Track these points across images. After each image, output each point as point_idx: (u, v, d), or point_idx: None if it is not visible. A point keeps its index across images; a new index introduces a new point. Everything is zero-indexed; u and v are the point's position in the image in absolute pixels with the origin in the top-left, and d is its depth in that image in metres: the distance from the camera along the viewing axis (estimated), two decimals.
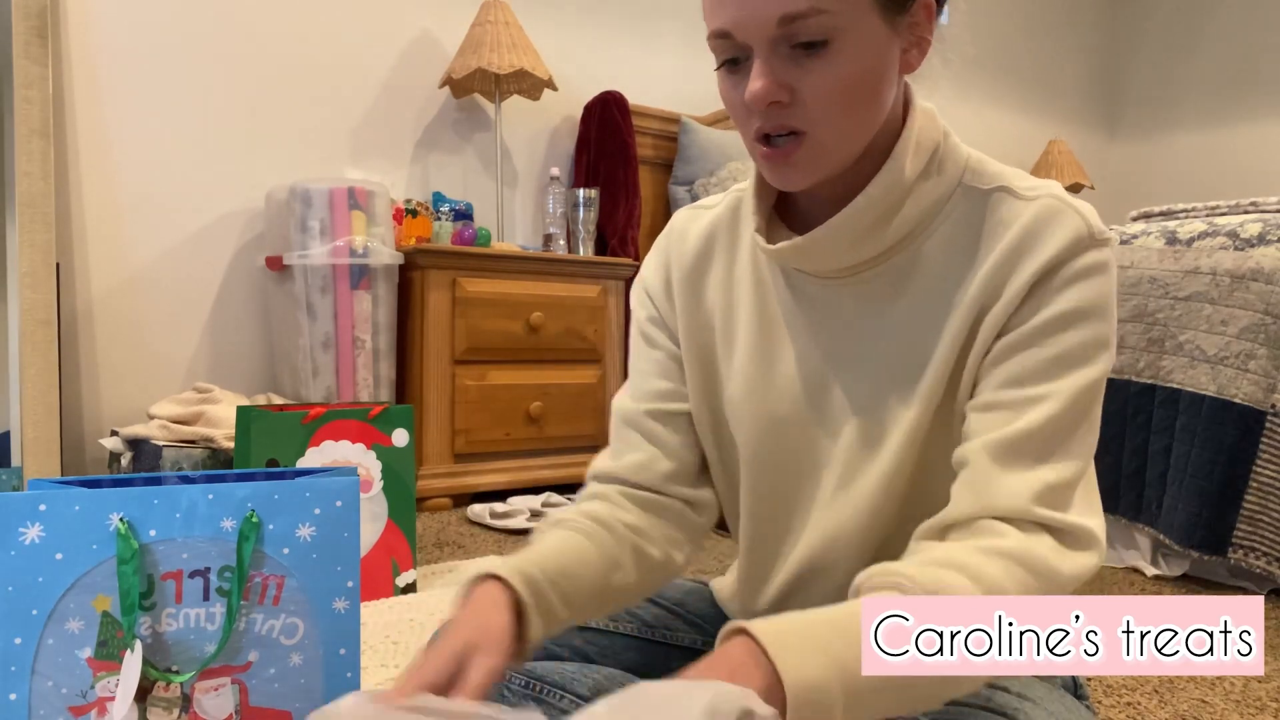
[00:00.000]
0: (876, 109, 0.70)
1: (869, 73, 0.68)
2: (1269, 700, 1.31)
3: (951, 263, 0.73)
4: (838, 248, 0.73)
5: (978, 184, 0.73)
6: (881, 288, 0.75)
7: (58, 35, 2.36)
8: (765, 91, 0.67)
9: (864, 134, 0.71)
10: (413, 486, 1.72)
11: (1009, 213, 0.71)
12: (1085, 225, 0.69)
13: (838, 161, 0.71)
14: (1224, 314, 1.90)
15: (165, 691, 0.78)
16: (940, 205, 0.74)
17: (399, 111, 2.91)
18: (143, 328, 2.52)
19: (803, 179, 0.71)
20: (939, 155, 0.74)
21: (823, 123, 0.68)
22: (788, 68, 0.67)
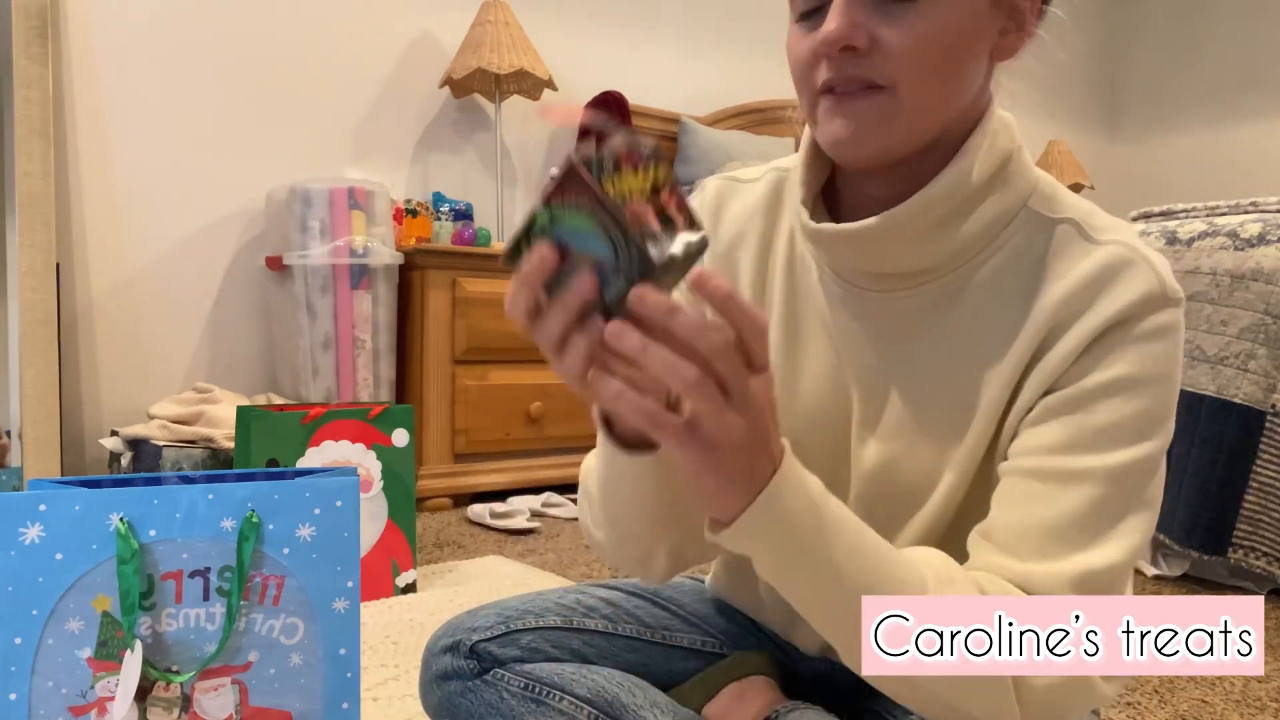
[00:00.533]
0: (961, 81, 0.63)
1: (962, 37, 0.61)
2: (1269, 700, 1.31)
3: (1004, 298, 0.66)
4: (891, 244, 0.66)
5: (1045, 211, 0.67)
6: (924, 310, 0.68)
7: (58, 35, 2.36)
8: (841, 31, 0.59)
9: (944, 106, 0.64)
10: (413, 486, 1.72)
11: (1076, 253, 0.65)
12: (1159, 281, 0.62)
13: (911, 133, 0.63)
14: (1224, 314, 1.90)
15: (165, 691, 0.78)
16: (1000, 227, 0.67)
17: (399, 111, 2.91)
18: (143, 328, 2.52)
19: (869, 141, 0.63)
20: (1008, 168, 0.67)
21: (904, 78, 0.60)
22: (870, 14, 0.60)
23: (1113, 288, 0.62)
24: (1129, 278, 0.62)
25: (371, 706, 1.19)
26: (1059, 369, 0.63)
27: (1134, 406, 0.61)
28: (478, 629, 0.82)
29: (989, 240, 0.67)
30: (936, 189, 0.64)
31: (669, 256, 0.49)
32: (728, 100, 3.53)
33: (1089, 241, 0.65)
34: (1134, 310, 0.62)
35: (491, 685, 0.80)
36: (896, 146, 0.64)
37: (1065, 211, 0.67)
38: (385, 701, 1.21)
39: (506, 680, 0.80)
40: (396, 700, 1.21)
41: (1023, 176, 0.68)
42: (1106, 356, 0.62)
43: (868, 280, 0.70)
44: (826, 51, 0.61)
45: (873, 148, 0.63)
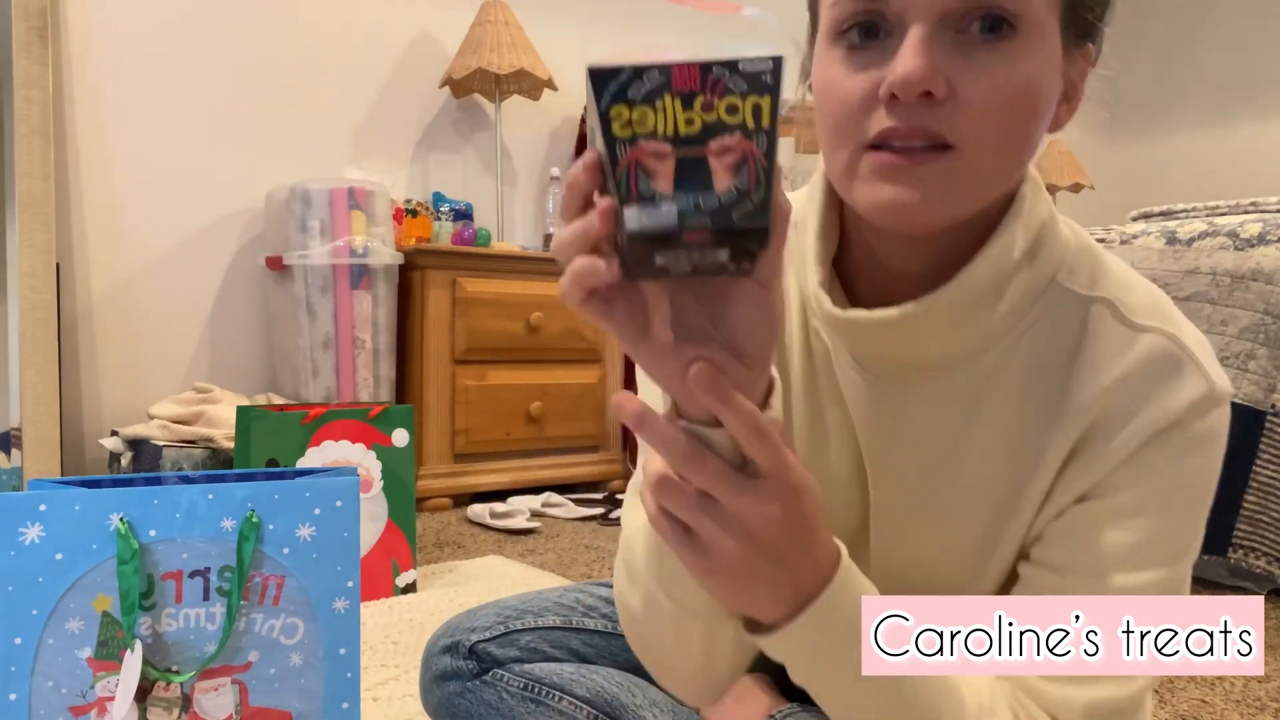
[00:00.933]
0: (1031, 148, 0.55)
1: (1041, 95, 0.54)
2: (1269, 700, 1.31)
3: (1037, 388, 0.60)
4: (927, 333, 0.59)
5: (1075, 286, 0.60)
6: (953, 401, 0.62)
7: (58, 35, 2.36)
8: (923, 72, 0.50)
9: (1010, 175, 0.56)
10: (413, 486, 1.72)
11: (1113, 342, 0.59)
12: (1206, 381, 0.57)
13: (973, 203, 0.55)
14: (1224, 314, 1.90)
15: (165, 691, 0.78)
16: (1028, 305, 0.60)
17: (399, 111, 2.91)
18: (143, 328, 2.52)
19: (935, 211, 0.54)
20: (1040, 238, 0.60)
21: (980, 138, 0.52)
22: (950, 55, 0.51)
23: (1160, 392, 0.57)
24: (1177, 380, 0.57)
25: (371, 706, 1.19)
26: (1096, 475, 0.58)
27: (1174, 523, 0.57)
28: (477, 629, 0.83)
29: (1016, 320, 0.60)
30: (980, 269, 0.57)
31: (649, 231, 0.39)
32: None
33: (1127, 327, 0.59)
34: (1181, 417, 0.56)
35: (491, 685, 0.80)
36: (956, 218, 0.55)
37: (1097, 287, 0.60)
38: (385, 701, 1.21)
39: (506, 680, 0.80)
40: (396, 700, 1.21)
41: (1050, 246, 0.60)
42: (1149, 469, 0.57)
43: (891, 370, 0.62)
44: (901, 95, 0.51)
45: (936, 219, 0.54)
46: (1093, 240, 0.64)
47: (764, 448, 0.45)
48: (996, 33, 0.51)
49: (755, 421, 0.44)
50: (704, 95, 0.39)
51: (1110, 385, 0.58)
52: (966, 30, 0.51)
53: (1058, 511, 0.59)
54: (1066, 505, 0.59)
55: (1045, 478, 0.59)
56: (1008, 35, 0.51)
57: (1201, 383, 0.57)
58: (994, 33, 0.51)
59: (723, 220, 0.39)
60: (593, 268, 0.41)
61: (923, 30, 0.51)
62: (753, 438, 0.44)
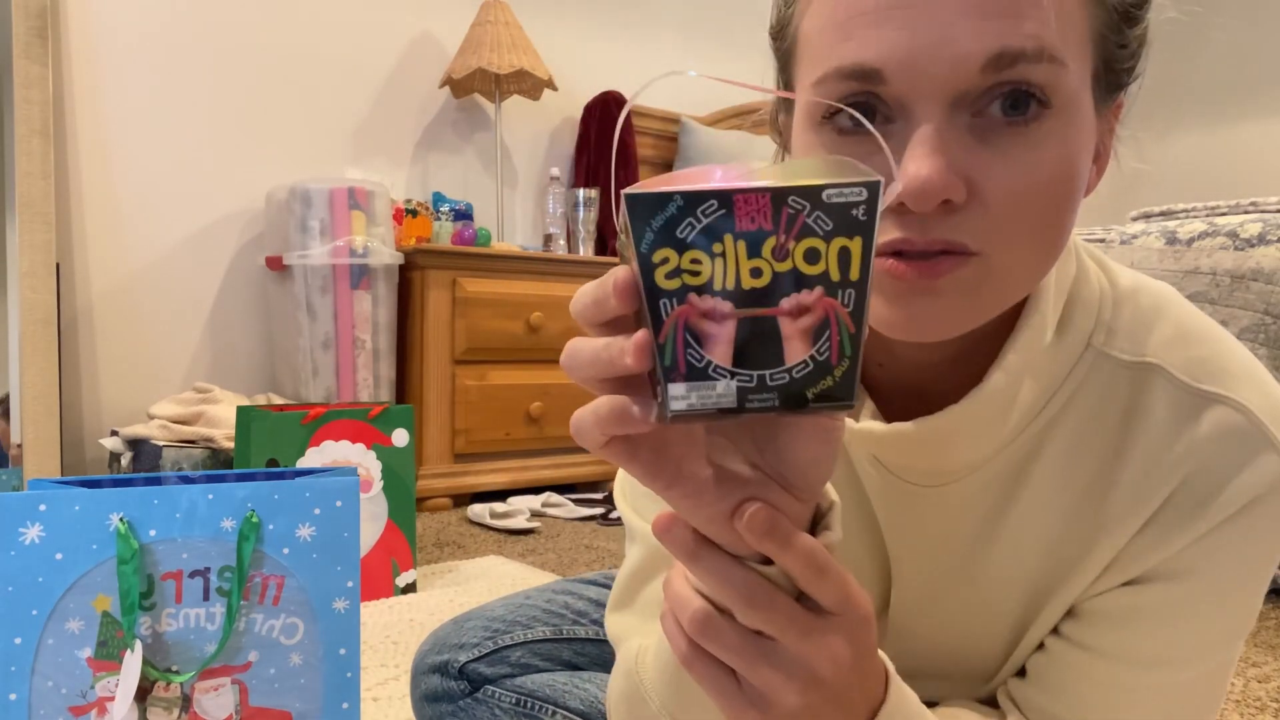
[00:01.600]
0: (1065, 237, 0.46)
1: (1076, 177, 0.45)
2: (1269, 700, 1.31)
3: (1080, 468, 0.52)
4: (956, 440, 0.51)
5: (1116, 351, 0.52)
6: (983, 497, 0.55)
7: (58, 35, 2.36)
8: (942, 179, 0.41)
9: (1045, 270, 0.47)
10: (413, 486, 1.72)
11: (1176, 416, 0.51)
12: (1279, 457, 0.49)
13: (996, 307, 0.47)
14: (1224, 314, 1.90)
15: (165, 691, 0.78)
16: (1060, 381, 0.52)
17: (399, 111, 2.91)
18: (143, 328, 2.52)
19: (947, 324, 0.46)
20: (1070, 302, 0.52)
21: (1004, 241, 0.43)
22: (967, 148, 0.42)
23: (1232, 474, 0.49)
24: (1251, 460, 0.49)
25: (371, 706, 1.19)
26: (1153, 559, 0.51)
27: (1234, 608, 0.52)
28: (465, 647, 0.81)
29: (1048, 396, 0.52)
30: (1015, 361, 0.49)
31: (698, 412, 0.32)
32: (728, 100, 3.53)
33: (1190, 395, 0.51)
34: (1253, 498, 0.49)
35: (483, 703, 0.79)
36: (975, 324, 0.47)
37: (1143, 349, 0.52)
38: (385, 701, 1.21)
39: (498, 697, 0.79)
40: (396, 700, 1.21)
41: (1085, 308, 0.52)
42: (1211, 555, 0.50)
43: (912, 474, 0.55)
44: (915, 206, 0.42)
45: (947, 334, 0.46)
46: (1129, 273, 0.56)
47: (828, 585, 0.39)
48: (1022, 112, 0.42)
49: (817, 558, 0.38)
50: (777, 236, 0.31)
51: (1175, 462, 0.50)
52: (984, 112, 0.42)
53: (1098, 591, 0.53)
54: (1110, 586, 0.53)
55: (1097, 563, 0.53)
56: (1036, 115, 0.42)
57: (1276, 460, 0.49)
58: (1018, 112, 0.42)
59: (795, 401, 0.32)
60: (621, 414, 0.34)
61: (934, 121, 0.42)
62: (814, 576, 0.38)
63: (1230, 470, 0.49)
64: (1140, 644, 0.52)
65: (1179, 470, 0.50)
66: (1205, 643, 0.52)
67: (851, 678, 0.41)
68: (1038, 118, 0.42)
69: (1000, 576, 0.56)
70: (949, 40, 0.40)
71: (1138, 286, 0.55)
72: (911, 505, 0.56)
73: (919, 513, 0.56)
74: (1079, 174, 0.45)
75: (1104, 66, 0.46)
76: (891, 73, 0.42)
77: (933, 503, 0.56)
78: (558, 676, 0.80)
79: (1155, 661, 0.52)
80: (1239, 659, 0.55)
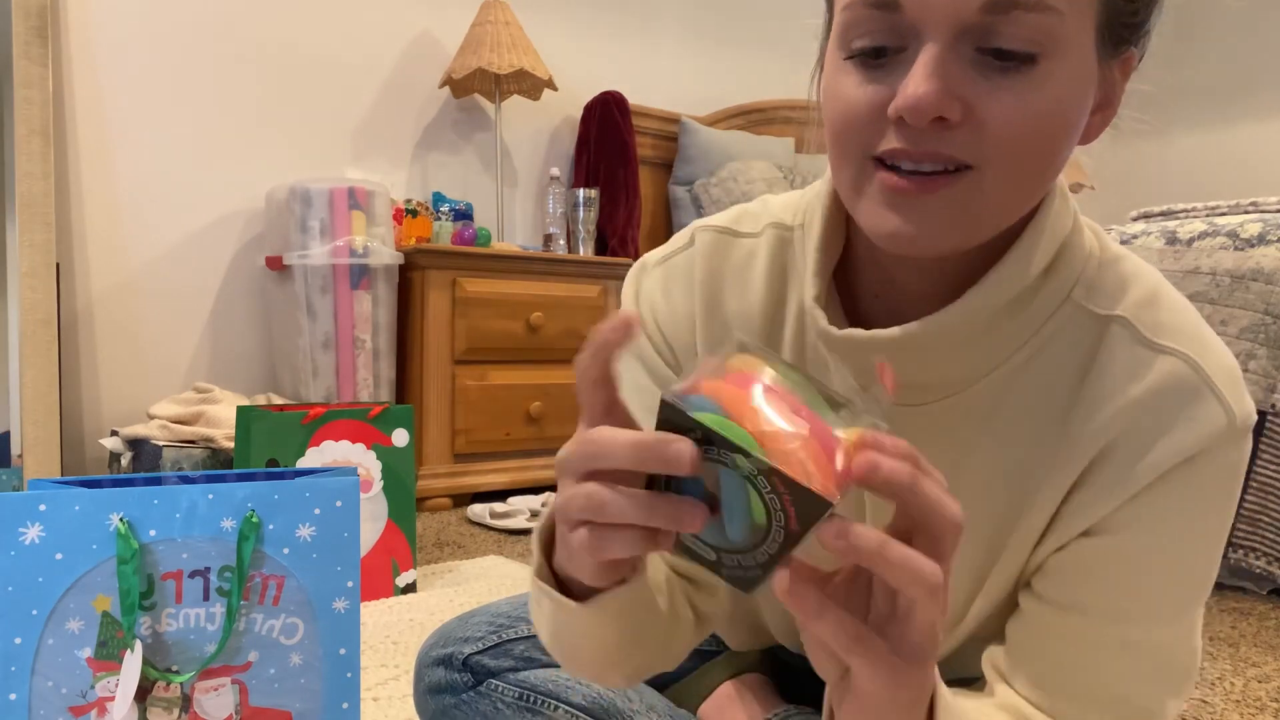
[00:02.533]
0: (1056, 168, 0.51)
1: (1069, 114, 0.49)
2: (1269, 700, 1.31)
3: (1047, 410, 0.56)
4: (931, 354, 0.54)
5: (1091, 304, 0.56)
6: (956, 423, 0.58)
7: (58, 35, 2.36)
8: (935, 97, 0.46)
9: (1032, 198, 0.51)
10: (413, 486, 1.72)
11: (1128, 363, 0.54)
12: (1226, 413, 0.52)
13: (990, 227, 0.50)
14: (1224, 314, 1.90)
15: (165, 691, 0.78)
16: (1040, 322, 0.56)
17: (399, 111, 2.91)
18: (143, 328, 2.52)
19: (942, 240, 0.49)
20: (1060, 252, 0.56)
21: (998, 161, 0.48)
22: (967, 76, 0.47)
23: (1173, 423, 0.52)
24: (1193, 410, 0.52)
25: (371, 706, 1.19)
26: (1104, 509, 0.54)
27: (1184, 565, 0.54)
28: (469, 640, 0.81)
29: (1026, 338, 0.56)
30: (992, 288, 0.53)
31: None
32: (728, 100, 3.53)
33: (1145, 348, 0.54)
34: (1196, 452, 0.52)
35: (486, 696, 0.79)
36: (968, 239, 0.50)
37: (1113, 303, 0.55)
38: (385, 701, 1.21)
39: (501, 691, 0.79)
40: (396, 700, 1.21)
41: (1070, 261, 0.56)
42: (1161, 507, 0.52)
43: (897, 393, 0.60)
44: (911, 121, 0.47)
45: (944, 247, 0.50)
46: (1122, 250, 0.59)
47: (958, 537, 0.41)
48: (1014, 62, 0.46)
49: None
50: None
51: (1121, 411, 0.53)
52: (986, 49, 0.46)
53: (1060, 544, 0.56)
54: (1070, 538, 0.55)
55: (1046, 509, 0.56)
56: (1026, 66, 0.46)
57: (1220, 414, 0.52)
58: (1010, 61, 0.46)
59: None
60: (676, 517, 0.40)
61: (937, 47, 0.46)
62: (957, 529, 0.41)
63: (1174, 420, 0.52)
64: (1100, 594, 0.54)
65: (1125, 417, 0.53)
66: (1165, 597, 0.54)
67: None
68: (1027, 68, 0.47)
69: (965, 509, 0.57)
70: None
71: (1125, 256, 0.58)
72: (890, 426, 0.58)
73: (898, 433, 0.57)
74: (1073, 114, 0.49)
75: (1108, 19, 0.49)
76: (907, 2, 0.47)
77: (907, 426, 0.57)
78: (560, 672, 0.80)
79: (1116, 614, 0.54)
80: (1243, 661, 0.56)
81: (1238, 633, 1.60)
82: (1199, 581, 0.55)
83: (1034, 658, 0.56)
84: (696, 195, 3.21)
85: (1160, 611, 0.54)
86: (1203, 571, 0.55)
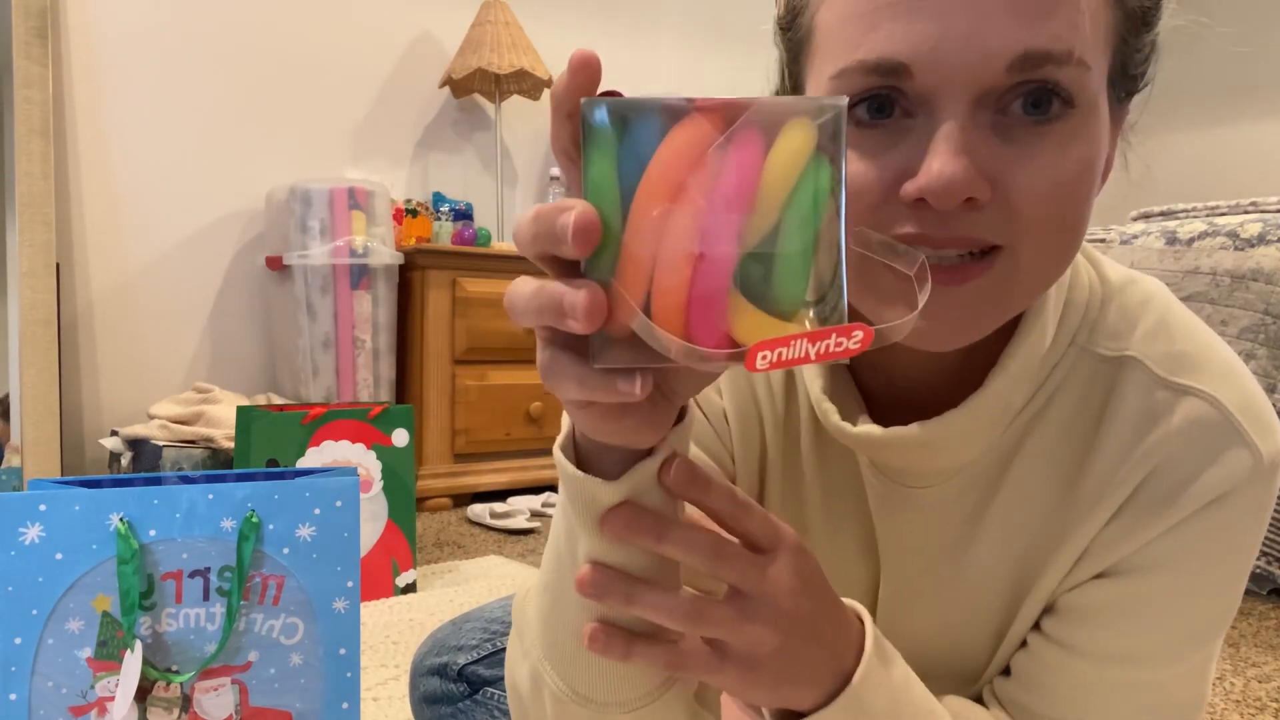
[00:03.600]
0: (1084, 232, 0.46)
1: (1096, 176, 0.45)
2: (1269, 700, 1.31)
3: (1056, 462, 0.53)
4: (951, 445, 0.51)
5: (1096, 347, 0.52)
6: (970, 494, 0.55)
7: (58, 35, 2.36)
8: (966, 177, 0.40)
9: (1063, 268, 0.47)
10: (413, 486, 1.72)
11: (1147, 408, 0.51)
12: (1251, 454, 0.49)
13: (1020, 305, 0.46)
14: (1224, 314, 1.90)
15: (165, 691, 0.78)
16: (1044, 376, 0.53)
17: (399, 111, 2.91)
18: (143, 328, 2.52)
19: (971, 330, 0.45)
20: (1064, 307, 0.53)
21: (1030, 237, 0.43)
22: (992, 146, 0.42)
23: (1200, 469, 0.49)
24: (1221, 453, 0.49)
25: (371, 706, 1.19)
26: (1123, 551, 0.51)
27: (1211, 603, 0.51)
28: (464, 649, 0.81)
29: (1031, 394, 0.53)
30: (1016, 369, 0.49)
31: None
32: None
33: (1164, 389, 0.51)
34: (1221, 494, 0.49)
35: (482, 705, 0.79)
36: (998, 325, 0.46)
37: (1122, 342, 0.52)
38: (385, 701, 1.21)
39: (497, 699, 0.79)
40: (397, 700, 1.21)
41: (1074, 306, 0.53)
42: (1181, 548, 0.50)
43: (906, 476, 0.56)
44: (936, 204, 0.41)
45: (970, 340, 0.45)
46: (1117, 271, 0.56)
47: (755, 519, 0.41)
48: (1045, 112, 0.41)
49: (737, 496, 0.41)
50: None
51: (1144, 457, 0.50)
52: (1008, 110, 0.42)
53: (1073, 585, 0.54)
54: (1083, 579, 0.53)
55: (1067, 560, 0.53)
56: (1060, 115, 0.42)
57: (1246, 457, 0.49)
58: (1041, 111, 0.41)
59: None
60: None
61: (959, 118, 0.41)
62: (742, 513, 0.41)
63: (1199, 463, 0.49)
64: (1112, 639, 0.52)
65: (1148, 461, 0.50)
66: (1177, 640, 0.52)
67: (810, 604, 0.42)
68: (1061, 117, 0.42)
69: (983, 572, 0.56)
70: (977, 37, 0.40)
71: (1127, 282, 0.55)
72: (903, 506, 0.57)
73: (909, 513, 0.57)
74: (1098, 173, 0.45)
75: (1120, 69, 0.46)
76: (918, 68, 0.41)
77: (923, 502, 0.56)
78: None
79: (1127, 658, 0.51)
80: (1243, 661, 0.55)
81: (1238, 633, 1.60)
82: (1217, 621, 0.53)
83: (1039, 694, 0.55)
84: None
85: (1179, 653, 0.52)
86: (1221, 610, 0.53)
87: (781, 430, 0.60)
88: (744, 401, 0.61)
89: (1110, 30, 0.44)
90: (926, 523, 0.57)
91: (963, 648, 0.59)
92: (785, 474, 0.61)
